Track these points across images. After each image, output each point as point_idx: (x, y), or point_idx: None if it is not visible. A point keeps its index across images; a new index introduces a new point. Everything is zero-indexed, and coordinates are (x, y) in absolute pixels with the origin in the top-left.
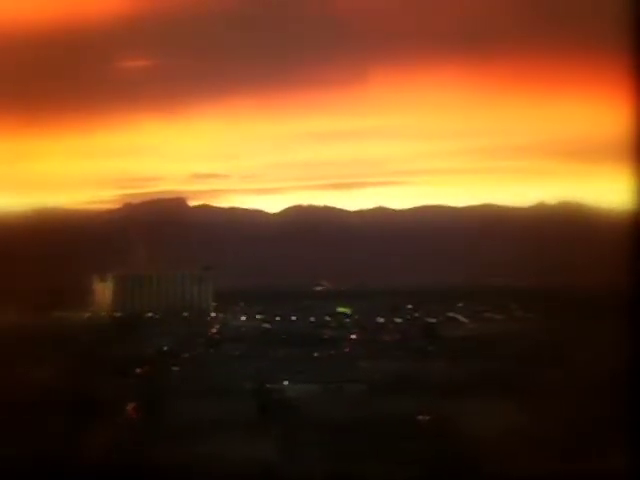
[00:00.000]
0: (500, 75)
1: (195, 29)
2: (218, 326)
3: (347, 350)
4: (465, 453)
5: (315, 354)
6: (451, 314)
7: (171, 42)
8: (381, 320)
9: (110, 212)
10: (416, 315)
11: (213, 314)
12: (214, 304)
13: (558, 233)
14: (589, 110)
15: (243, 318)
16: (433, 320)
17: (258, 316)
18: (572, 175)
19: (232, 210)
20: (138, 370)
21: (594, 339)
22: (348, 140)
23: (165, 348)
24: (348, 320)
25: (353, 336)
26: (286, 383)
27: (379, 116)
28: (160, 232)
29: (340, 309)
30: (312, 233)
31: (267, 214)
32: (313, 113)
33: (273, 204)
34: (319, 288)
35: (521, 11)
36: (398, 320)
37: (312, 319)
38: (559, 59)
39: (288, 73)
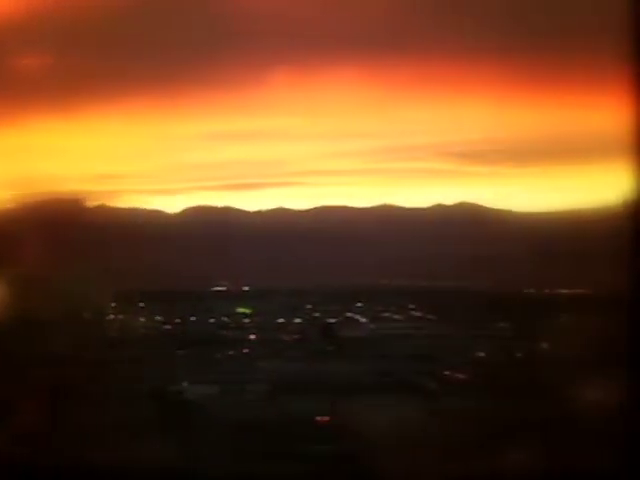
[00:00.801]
0: (398, 76)
1: (95, 27)
2: (117, 327)
3: (246, 351)
4: (363, 453)
5: (214, 355)
6: (350, 314)
7: (70, 40)
8: (280, 320)
9: (5, 212)
10: (315, 315)
11: (112, 315)
12: (113, 305)
13: (456, 233)
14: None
15: (142, 319)
16: (332, 320)
17: (157, 317)
18: (471, 176)
19: (131, 211)
20: (35, 372)
21: (494, 339)
22: (248, 140)
23: (62, 350)
24: (247, 320)
25: (252, 336)
26: (185, 384)
27: (278, 117)
28: (57, 233)
29: (240, 309)
30: (212, 234)
31: (167, 214)
32: (212, 114)
33: (173, 205)
34: (218, 289)
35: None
36: (297, 320)
37: (212, 320)
38: (458, 60)
39: (187, 73)
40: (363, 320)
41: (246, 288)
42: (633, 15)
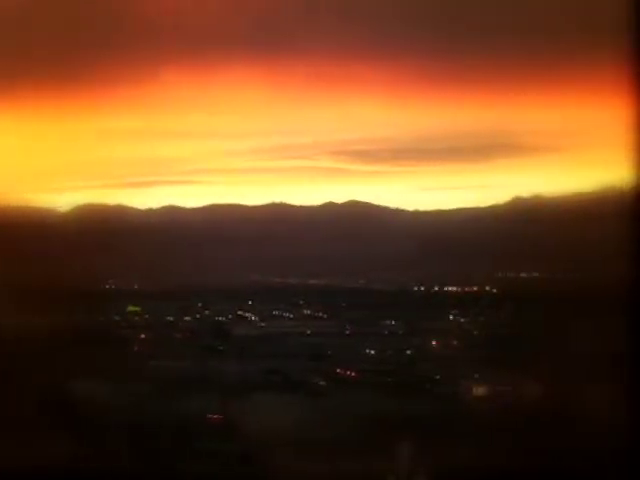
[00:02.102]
0: (290, 76)
1: None
2: (7, 327)
3: (137, 349)
4: (257, 451)
5: (105, 353)
6: (241, 312)
7: None
8: (171, 319)
9: None
10: (206, 313)
11: None
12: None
13: (346, 231)
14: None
15: (30, 317)
16: (223, 318)
17: (47, 315)
18: (361, 175)
19: (20, 209)
20: None
21: (384, 337)
22: (140, 139)
23: None
24: (138, 319)
25: (143, 335)
26: (76, 383)
27: (171, 115)
28: None
29: (130, 308)
30: (103, 232)
31: (58, 212)
32: (105, 111)
33: (63, 203)
34: (109, 287)
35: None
36: (188, 318)
37: (102, 318)
38: (350, 61)
39: (81, 72)
40: (254, 318)
41: (136, 286)
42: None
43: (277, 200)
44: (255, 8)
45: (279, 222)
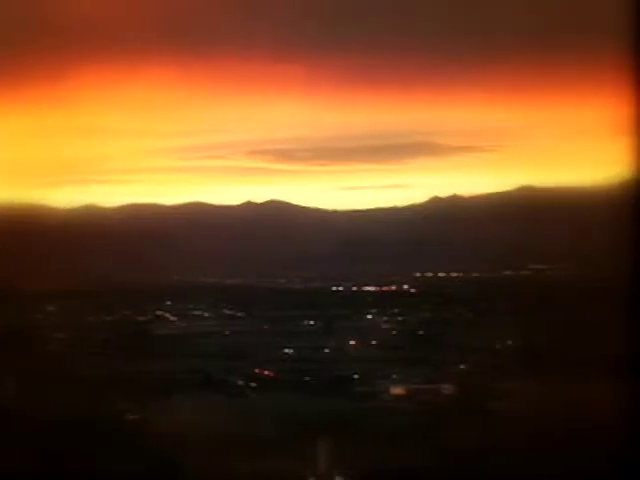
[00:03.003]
0: (210, 75)
1: None
2: None
3: (55, 349)
4: (176, 451)
5: (22, 353)
6: (160, 312)
7: None
8: (90, 319)
9: None
10: (125, 313)
11: None
12: None
13: (266, 231)
14: (302, 110)
15: None
16: (142, 318)
17: None
18: (280, 174)
19: None
20: None
21: (303, 336)
22: (58, 138)
23: None
24: (56, 319)
25: (61, 335)
26: None
27: (88, 114)
28: None
29: (49, 307)
30: (22, 231)
31: None
32: (24, 110)
33: None
34: (27, 287)
35: (226, 12)
36: (108, 318)
37: (19, 319)
38: (269, 61)
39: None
40: (173, 318)
41: (55, 286)
42: None
43: (196, 199)
44: (173, 8)
45: (199, 222)
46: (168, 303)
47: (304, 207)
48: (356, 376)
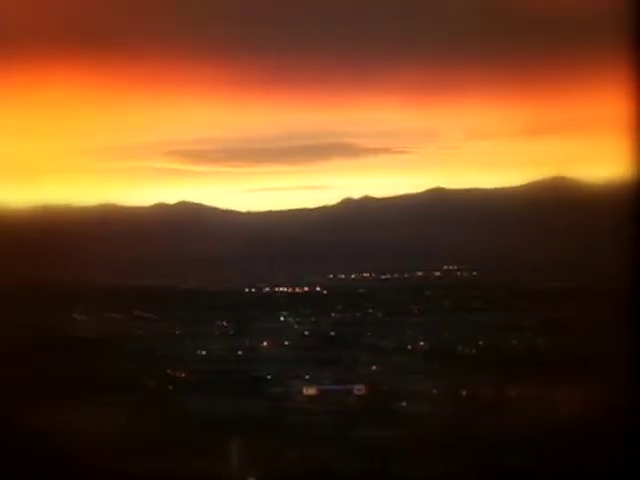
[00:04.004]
0: (121, 75)
1: None
2: None
3: None
4: (90, 452)
5: None
6: (73, 314)
7: None
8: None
9: None
10: (37, 315)
11: None
12: None
13: (177, 232)
14: (215, 111)
15: None
16: (54, 320)
17: None
18: (192, 176)
19: None
20: None
21: (216, 337)
22: None
23: None
24: None
25: None
26: None
27: (3, 113)
28: None
29: None
30: None
31: None
32: None
33: None
34: None
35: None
36: (20, 320)
37: None
38: (184, 61)
39: None
40: (85, 320)
41: None
42: None
43: (108, 201)
44: (92, 9)
45: (110, 223)
46: (80, 305)
47: (216, 208)
48: (269, 377)
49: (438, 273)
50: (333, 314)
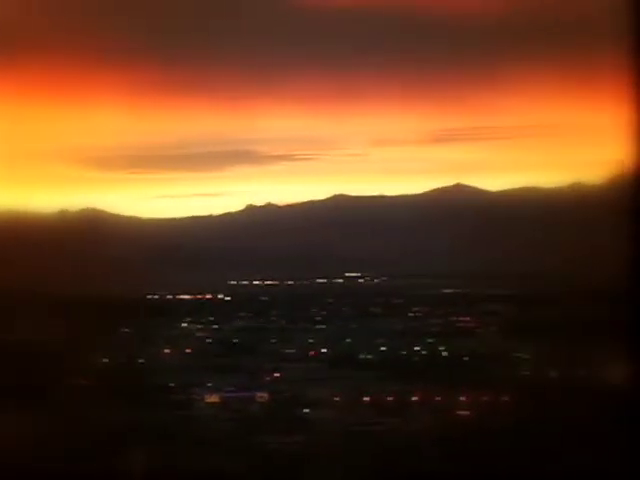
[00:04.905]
0: (30, 79)
1: None
2: None
3: None
4: None
5: None
6: None
7: None
8: None
9: None
10: None
11: None
12: None
13: (82, 239)
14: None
15: None
16: None
17: None
18: (96, 182)
19: None
20: None
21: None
22: None
23: None
24: None
25: None
26: None
27: None
28: None
29: None
30: None
31: None
32: None
33: None
34: None
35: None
36: None
37: None
38: (91, 65)
39: None
40: None
41: None
42: None
43: (10, 207)
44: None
45: (10, 230)
46: None
47: (120, 215)
48: (171, 384)
49: (340, 280)
50: (236, 321)
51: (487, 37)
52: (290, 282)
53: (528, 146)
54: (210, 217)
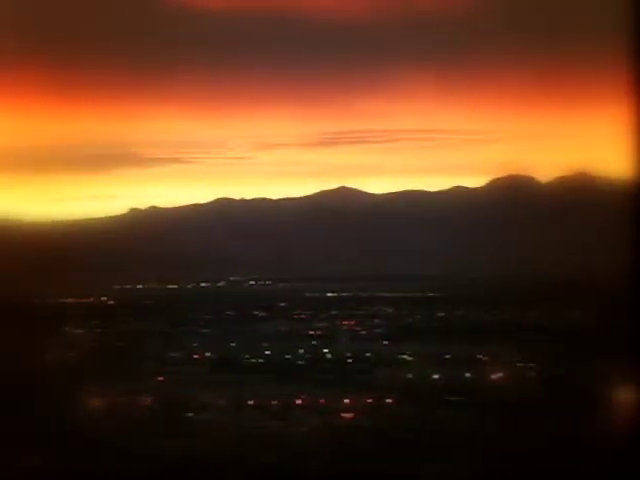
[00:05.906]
0: None
1: None
2: None
3: None
4: None
5: None
6: None
7: None
8: None
9: None
10: None
11: None
12: None
13: None
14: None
15: None
16: None
17: None
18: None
19: None
20: None
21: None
22: None
23: None
24: None
25: None
26: None
27: None
28: None
29: None
30: None
31: None
32: None
33: None
34: None
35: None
36: None
37: None
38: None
39: None
40: None
41: None
42: None
43: None
44: None
45: None
46: None
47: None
48: (54, 388)
49: (223, 283)
50: (120, 325)
51: (374, 40)
52: (174, 286)
53: (413, 150)
54: (93, 220)
